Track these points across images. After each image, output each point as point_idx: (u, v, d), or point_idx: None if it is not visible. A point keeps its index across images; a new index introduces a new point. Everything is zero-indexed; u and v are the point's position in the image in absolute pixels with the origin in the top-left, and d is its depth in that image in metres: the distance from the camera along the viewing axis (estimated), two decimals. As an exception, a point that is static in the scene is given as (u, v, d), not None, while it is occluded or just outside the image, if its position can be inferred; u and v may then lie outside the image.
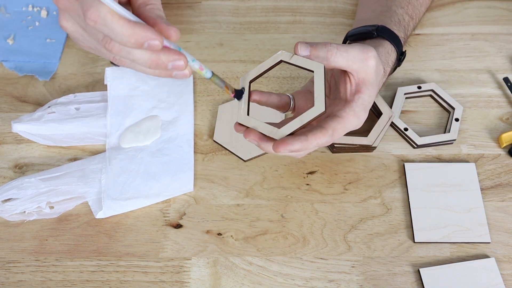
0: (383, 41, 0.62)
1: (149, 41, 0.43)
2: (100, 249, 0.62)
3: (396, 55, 0.64)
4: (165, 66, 0.45)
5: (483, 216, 0.63)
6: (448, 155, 0.68)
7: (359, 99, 0.54)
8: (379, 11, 0.68)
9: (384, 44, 0.62)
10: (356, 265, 0.60)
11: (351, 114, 0.54)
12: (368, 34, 0.63)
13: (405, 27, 0.67)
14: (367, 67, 0.54)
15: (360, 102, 0.54)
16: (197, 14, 0.82)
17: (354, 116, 0.54)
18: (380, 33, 0.62)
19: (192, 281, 0.60)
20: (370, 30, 0.62)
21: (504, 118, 0.70)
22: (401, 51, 0.64)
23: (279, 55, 0.54)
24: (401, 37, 0.64)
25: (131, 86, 0.71)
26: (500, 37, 0.78)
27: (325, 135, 0.52)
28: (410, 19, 0.68)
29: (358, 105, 0.54)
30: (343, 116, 0.54)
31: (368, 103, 0.55)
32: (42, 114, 0.68)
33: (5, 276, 0.60)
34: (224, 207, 0.65)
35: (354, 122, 0.54)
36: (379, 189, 0.65)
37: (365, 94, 0.54)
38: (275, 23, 0.80)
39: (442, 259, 0.61)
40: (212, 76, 0.51)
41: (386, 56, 0.62)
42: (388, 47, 0.62)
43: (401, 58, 0.65)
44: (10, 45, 0.78)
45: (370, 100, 0.55)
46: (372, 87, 0.55)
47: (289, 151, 0.50)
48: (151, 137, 0.68)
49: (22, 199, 0.62)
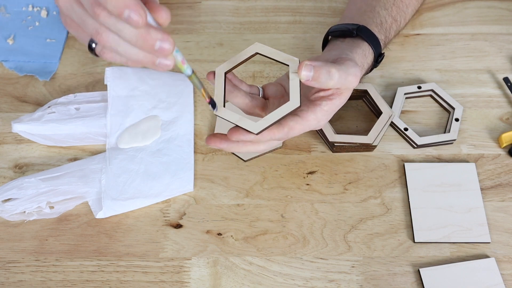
0: (362, 41, 0.63)
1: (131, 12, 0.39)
2: (100, 249, 0.62)
3: (373, 56, 0.64)
4: (153, 44, 0.42)
5: (483, 216, 0.63)
6: (448, 155, 0.68)
7: (326, 105, 0.55)
8: (363, 10, 0.68)
9: (362, 45, 0.63)
10: (356, 265, 0.60)
11: (312, 117, 0.55)
12: (348, 33, 0.63)
13: (387, 29, 0.67)
14: (350, 84, 0.55)
15: (327, 108, 0.56)
16: (197, 14, 0.82)
17: (315, 119, 0.55)
18: (359, 33, 0.63)
19: (192, 281, 0.60)
20: (351, 29, 0.63)
21: (504, 118, 0.70)
22: (379, 52, 0.65)
23: (254, 47, 0.55)
24: (380, 39, 0.65)
25: (131, 86, 0.71)
26: (500, 37, 0.78)
27: (281, 132, 0.54)
28: (393, 21, 0.68)
29: (323, 111, 0.55)
30: (304, 117, 0.55)
31: (334, 110, 0.57)
32: (42, 114, 0.68)
33: (5, 276, 0.60)
34: (224, 207, 0.65)
35: (313, 124, 0.56)
36: (379, 189, 0.65)
37: (335, 103, 0.56)
38: (275, 23, 0.80)
39: (442, 259, 0.61)
40: (192, 74, 0.49)
41: (362, 58, 0.62)
42: (365, 48, 0.63)
43: (378, 59, 0.65)
44: (10, 45, 0.78)
45: (334, 109, 0.57)
46: (344, 97, 0.57)
47: (241, 139, 0.53)
48: (150, 137, 0.68)
49: (22, 199, 0.62)
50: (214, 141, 0.55)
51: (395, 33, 0.70)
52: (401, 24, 0.71)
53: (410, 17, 0.73)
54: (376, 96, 0.68)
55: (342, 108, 0.71)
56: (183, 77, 0.74)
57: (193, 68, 0.76)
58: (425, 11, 0.81)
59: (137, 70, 0.72)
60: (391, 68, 0.75)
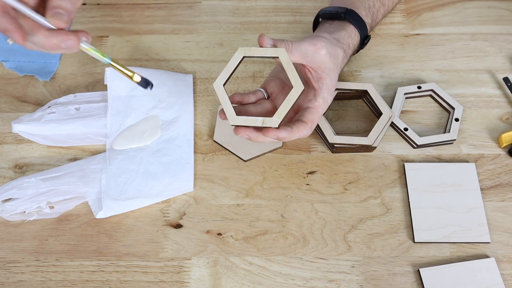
0: (348, 24, 0.67)
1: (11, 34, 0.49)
2: (100, 249, 0.62)
3: (359, 38, 0.68)
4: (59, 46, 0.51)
5: (483, 216, 0.63)
6: (448, 155, 0.68)
7: (323, 84, 0.61)
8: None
9: (348, 27, 0.67)
10: (356, 265, 0.60)
11: (321, 101, 0.62)
12: (337, 16, 0.67)
13: (374, 13, 0.71)
14: (319, 56, 0.60)
15: (325, 87, 0.62)
16: (197, 14, 0.82)
17: (324, 102, 0.62)
18: (347, 16, 0.67)
19: (192, 281, 0.60)
20: (339, 12, 0.67)
21: (504, 118, 0.70)
22: (365, 35, 0.69)
23: (239, 52, 0.59)
24: (367, 23, 0.69)
25: (131, 86, 0.71)
26: (500, 37, 0.78)
27: (306, 128, 0.60)
28: (381, 5, 0.73)
29: (324, 91, 0.62)
30: (315, 106, 0.61)
31: (332, 85, 0.62)
32: (42, 115, 0.68)
33: (5, 276, 0.60)
34: (224, 207, 0.65)
35: (324, 107, 0.62)
36: (379, 189, 0.65)
37: (327, 79, 0.61)
38: (275, 23, 0.80)
39: (442, 259, 0.61)
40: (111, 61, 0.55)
41: (347, 39, 0.66)
42: (351, 31, 0.67)
43: (364, 41, 0.70)
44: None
45: (333, 83, 0.63)
46: (331, 71, 0.62)
47: (277, 137, 0.58)
48: (148, 139, 0.68)
49: (22, 199, 0.62)
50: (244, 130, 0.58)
51: (382, 16, 0.74)
52: (389, 7, 0.75)
53: (398, 1, 0.78)
54: (376, 96, 0.68)
55: (342, 108, 0.71)
56: (183, 77, 0.74)
57: (193, 68, 0.76)
58: (425, 11, 0.81)
59: (137, 70, 0.72)
60: (391, 68, 0.75)
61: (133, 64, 0.76)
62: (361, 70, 0.75)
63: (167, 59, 0.77)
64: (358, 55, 0.75)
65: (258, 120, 0.57)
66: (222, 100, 0.58)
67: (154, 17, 0.81)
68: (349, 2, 0.70)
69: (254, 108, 0.63)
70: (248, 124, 0.57)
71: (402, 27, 0.79)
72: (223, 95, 0.58)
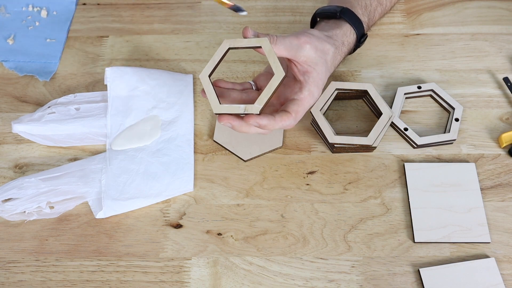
0: (344, 23, 0.67)
1: None
2: (100, 249, 0.62)
3: (355, 37, 0.69)
4: None
5: (483, 216, 0.63)
6: (448, 155, 0.68)
7: (309, 78, 0.62)
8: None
9: (343, 26, 0.67)
10: (356, 265, 0.60)
11: (307, 94, 0.62)
12: (332, 14, 0.68)
13: (371, 12, 0.71)
14: (304, 50, 0.60)
15: (311, 80, 0.62)
16: (197, 14, 0.82)
17: (310, 95, 0.62)
18: (342, 15, 0.67)
19: (192, 281, 0.60)
20: (335, 11, 0.67)
21: (504, 118, 0.70)
22: (362, 33, 0.69)
23: (224, 44, 0.60)
24: (364, 21, 0.69)
25: (131, 86, 0.71)
26: (500, 37, 0.78)
27: (290, 118, 0.60)
28: (378, 5, 0.73)
29: (310, 84, 0.62)
30: (301, 98, 0.61)
31: (319, 79, 0.62)
32: (42, 115, 0.68)
33: (5, 276, 0.60)
34: (224, 207, 0.65)
35: (310, 100, 0.62)
36: (379, 189, 0.65)
37: (313, 72, 0.61)
38: (275, 23, 0.80)
39: (442, 259, 0.61)
40: None
41: (342, 36, 0.67)
42: (347, 29, 0.67)
43: (361, 40, 0.69)
44: (10, 45, 0.78)
45: (320, 77, 0.62)
46: (317, 65, 0.62)
47: (258, 124, 0.58)
48: (148, 139, 0.68)
49: (22, 199, 0.62)
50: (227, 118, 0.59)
51: (380, 15, 0.74)
52: (387, 6, 0.75)
53: (396, 1, 0.77)
54: (376, 96, 0.68)
55: (342, 108, 0.71)
56: (183, 77, 0.74)
57: (193, 68, 0.76)
58: (425, 11, 0.81)
59: (137, 70, 0.72)
60: (391, 68, 0.75)
61: (133, 64, 0.76)
62: (361, 70, 0.75)
63: (167, 59, 0.77)
64: (358, 55, 0.75)
65: (240, 108, 0.58)
66: (206, 89, 0.59)
67: (154, 17, 0.81)
68: (345, 1, 0.70)
69: (239, 95, 0.63)
70: (231, 112, 0.58)
71: (402, 27, 0.79)
72: (208, 85, 0.59)
